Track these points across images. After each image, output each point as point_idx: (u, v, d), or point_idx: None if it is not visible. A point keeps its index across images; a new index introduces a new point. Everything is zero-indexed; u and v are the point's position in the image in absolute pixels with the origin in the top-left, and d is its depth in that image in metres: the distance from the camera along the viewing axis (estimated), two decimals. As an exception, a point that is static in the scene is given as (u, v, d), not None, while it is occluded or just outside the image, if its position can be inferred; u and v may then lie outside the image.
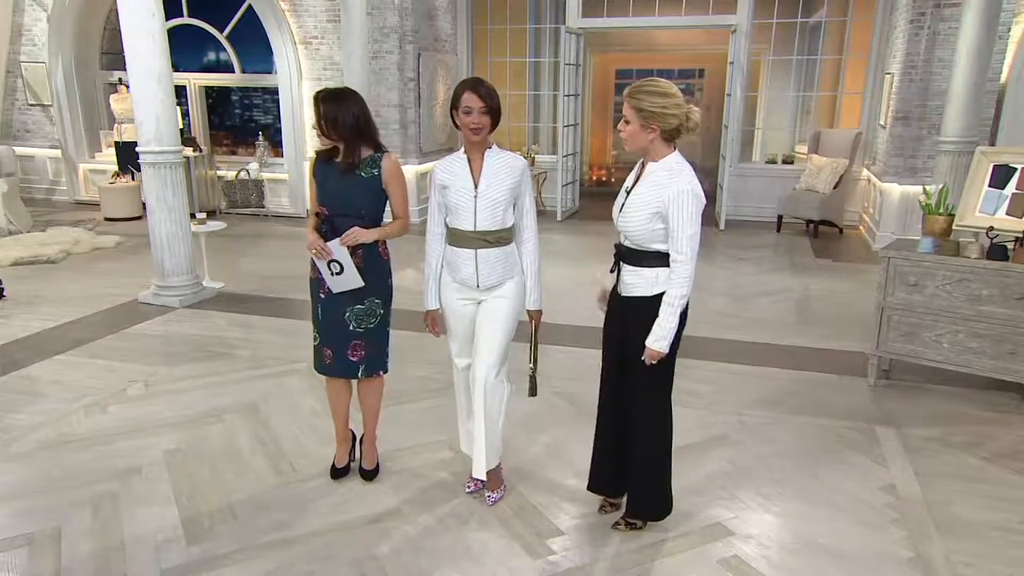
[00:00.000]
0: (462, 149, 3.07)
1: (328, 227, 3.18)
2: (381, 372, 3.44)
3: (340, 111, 3.07)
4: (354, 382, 3.49)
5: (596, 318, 3.13)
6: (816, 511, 3.25)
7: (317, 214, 3.25)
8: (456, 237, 3.07)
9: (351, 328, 3.27)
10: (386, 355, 3.44)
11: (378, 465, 3.57)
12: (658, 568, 2.86)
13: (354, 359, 3.31)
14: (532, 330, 3.21)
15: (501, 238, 3.05)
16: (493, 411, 3.16)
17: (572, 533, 3.09)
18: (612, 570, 2.85)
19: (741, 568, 2.86)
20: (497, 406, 3.17)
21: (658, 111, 2.66)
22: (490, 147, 3.04)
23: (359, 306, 3.26)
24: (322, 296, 3.29)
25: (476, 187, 3.00)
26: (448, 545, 2.99)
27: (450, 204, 3.05)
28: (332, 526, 3.11)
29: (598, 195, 11.83)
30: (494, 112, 2.94)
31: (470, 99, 2.91)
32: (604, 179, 14.02)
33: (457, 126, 3.01)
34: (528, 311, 3.20)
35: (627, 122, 2.73)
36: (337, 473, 3.55)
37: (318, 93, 3.14)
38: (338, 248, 3.10)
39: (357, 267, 3.17)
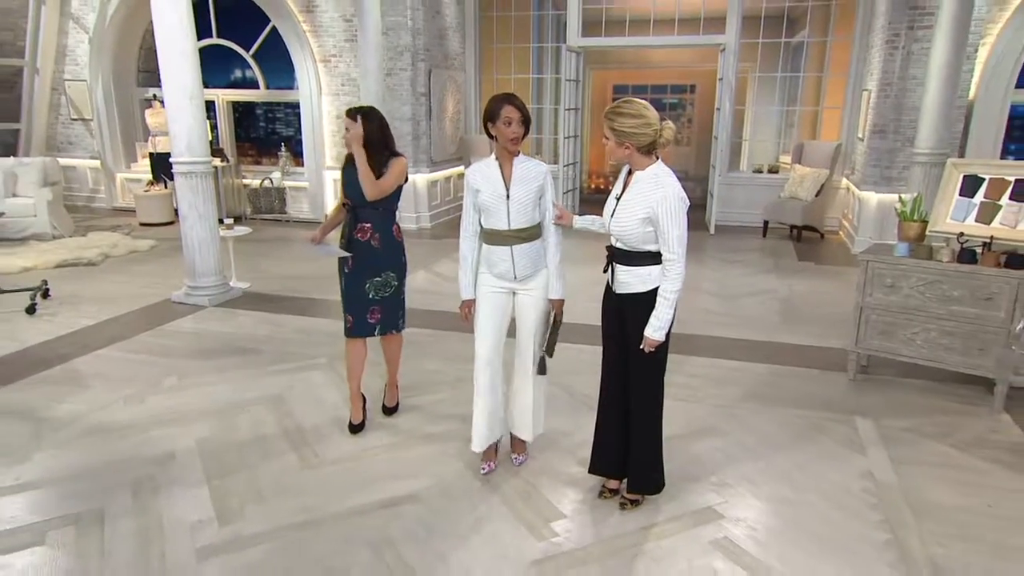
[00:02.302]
0: (493, 156, 3.14)
1: (352, 215, 3.62)
2: (394, 331, 3.86)
3: (367, 125, 3.50)
4: (374, 344, 3.93)
5: (594, 316, 3.14)
6: (800, 496, 3.25)
7: (344, 204, 3.66)
8: (492, 236, 3.15)
9: (370, 297, 3.70)
10: (401, 317, 3.87)
11: (398, 404, 4.07)
12: (654, 548, 2.87)
13: (372, 321, 3.75)
14: (552, 317, 3.27)
15: (532, 234, 3.15)
16: (540, 381, 3.34)
17: (573, 516, 3.09)
18: (611, 551, 2.86)
19: (731, 549, 2.87)
20: (543, 379, 3.35)
21: (629, 131, 2.74)
22: (517, 155, 3.11)
23: (377, 278, 3.68)
24: (346, 271, 3.69)
25: (508, 191, 3.07)
26: (459, 528, 3.00)
27: (483, 206, 3.12)
28: (352, 510, 3.11)
29: (597, 201, 11.77)
30: (528, 122, 3.04)
31: (510, 111, 3.01)
32: (602, 187, 14.00)
33: (491, 136, 3.08)
34: (550, 300, 3.26)
35: (606, 138, 2.82)
36: (354, 428, 3.85)
37: (350, 110, 3.57)
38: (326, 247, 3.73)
39: (375, 247, 3.64)
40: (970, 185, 4.39)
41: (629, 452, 3.11)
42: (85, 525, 2.99)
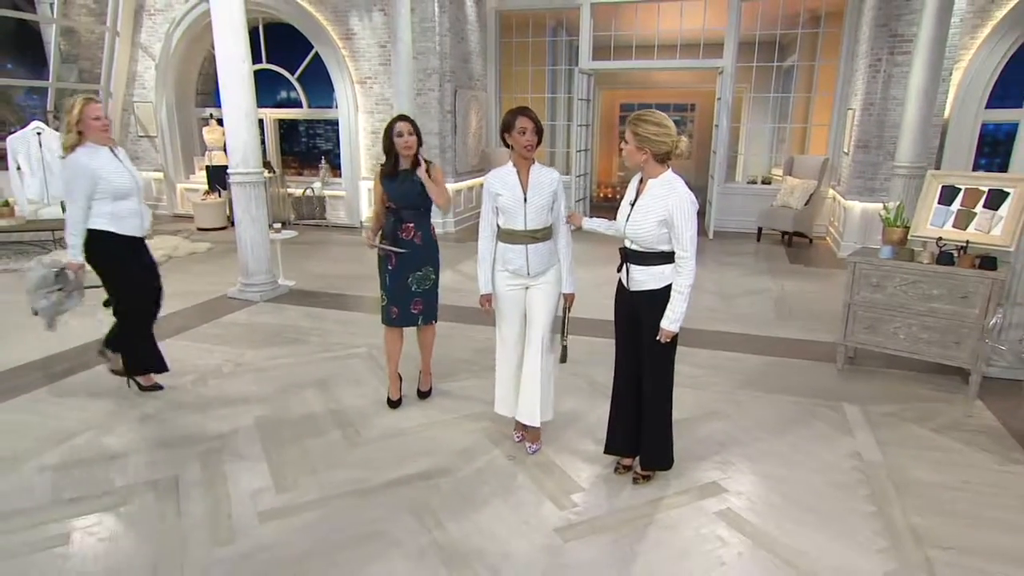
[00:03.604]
0: (510, 164, 3.14)
1: (395, 217, 3.71)
2: (433, 321, 3.94)
3: (418, 128, 3.66)
4: (408, 332, 3.99)
5: (607, 312, 3.16)
6: (794, 473, 3.27)
7: (388, 208, 3.71)
8: (510, 236, 3.16)
9: (413, 289, 3.78)
10: (437, 308, 3.95)
11: (431, 388, 4.12)
12: (665, 518, 2.90)
13: (415, 312, 3.83)
14: (566, 309, 3.29)
15: (546, 234, 3.16)
16: (548, 368, 3.29)
17: (591, 489, 3.12)
18: (626, 519, 2.89)
19: (733, 519, 2.90)
20: (550, 367, 3.30)
21: (651, 137, 2.74)
22: (533, 163, 3.12)
23: (418, 273, 3.78)
24: (390, 268, 3.77)
25: (525, 195, 3.09)
26: (489, 497, 3.04)
27: (503, 208, 3.13)
28: (394, 482, 3.16)
29: (605, 209, 11.81)
30: (541, 132, 3.06)
31: (525, 122, 3.03)
32: (610, 196, 13.96)
33: (507, 145, 3.10)
34: (563, 293, 3.28)
35: (626, 142, 2.82)
36: (393, 404, 3.97)
37: (403, 116, 3.65)
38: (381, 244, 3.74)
39: (417, 244, 3.73)
40: (948, 194, 4.38)
41: (642, 433, 3.13)
42: (163, 490, 3.07)
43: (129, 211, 3.76)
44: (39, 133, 5.56)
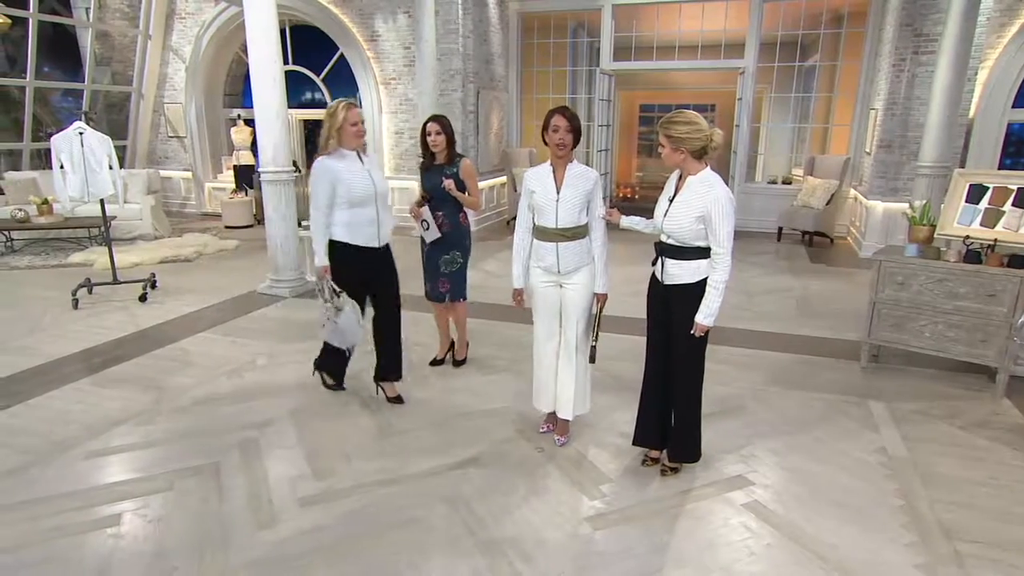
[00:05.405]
0: (548, 162, 3.17)
1: (430, 205, 4.11)
2: (462, 299, 4.34)
3: (448, 127, 4.04)
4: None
5: (632, 310, 3.18)
6: (821, 467, 3.27)
7: (423, 196, 4.13)
8: (542, 233, 3.19)
9: (441, 270, 4.23)
10: (465, 287, 4.34)
11: (466, 358, 4.55)
12: (692, 509, 2.92)
13: (443, 290, 4.28)
14: (597, 309, 3.28)
15: (576, 233, 3.15)
16: (582, 365, 3.30)
17: (619, 480, 3.15)
18: (656, 510, 2.92)
19: (761, 511, 2.91)
20: (584, 362, 3.31)
21: (683, 136, 2.75)
22: (571, 161, 3.14)
23: (445, 256, 4.20)
24: (426, 250, 4.24)
25: (558, 193, 3.10)
26: (520, 487, 3.08)
27: (536, 205, 3.16)
28: (427, 471, 3.21)
29: (625, 209, 11.74)
30: (576, 132, 3.07)
31: (558, 120, 3.05)
32: (630, 195, 13.97)
33: (547, 143, 3.12)
34: (595, 294, 3.27)
35: (662, 146, 2.83)
36: (435, 363, 4.51)
37: (434, 116, 4.06)
38: (428, 212, 4.10)
39: (444, 230, 4.13)
40: (976, 193, 4.36)
41: (671, 425, 3.16)
42: (205, 476, 3.15)
43: (367, 219, 3.62)
44: (81, 133, 5.70)
